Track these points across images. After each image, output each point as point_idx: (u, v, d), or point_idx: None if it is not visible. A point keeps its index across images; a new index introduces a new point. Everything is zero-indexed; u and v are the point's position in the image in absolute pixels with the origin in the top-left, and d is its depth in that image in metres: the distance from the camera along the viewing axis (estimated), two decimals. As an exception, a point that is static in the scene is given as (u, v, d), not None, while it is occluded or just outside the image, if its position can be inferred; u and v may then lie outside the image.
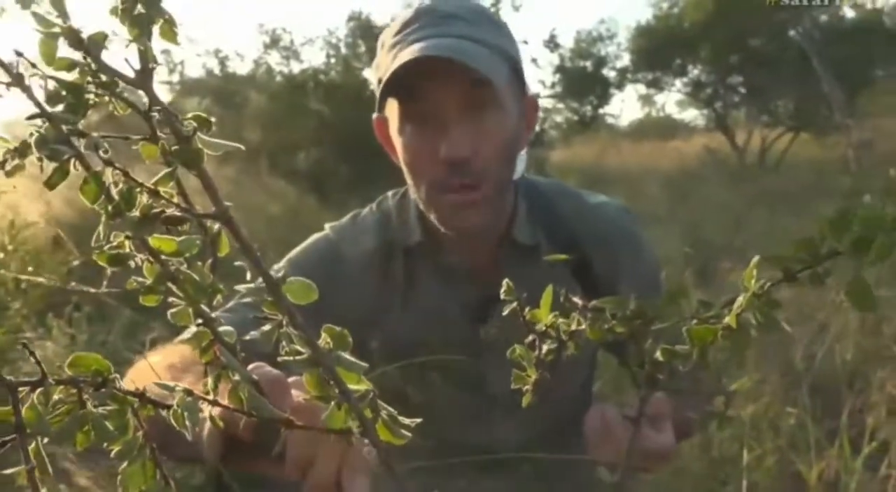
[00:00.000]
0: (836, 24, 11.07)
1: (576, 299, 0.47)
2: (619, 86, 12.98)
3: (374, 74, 0.89)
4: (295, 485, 0.49)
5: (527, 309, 0.44)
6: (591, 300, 0.46)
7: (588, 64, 12.39)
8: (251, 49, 10.89)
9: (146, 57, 0.40)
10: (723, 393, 0.61)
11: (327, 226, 0.96)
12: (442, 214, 0.86)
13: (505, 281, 0.44)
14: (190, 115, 0.39)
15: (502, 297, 0.44)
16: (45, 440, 0.35)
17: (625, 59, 12.53)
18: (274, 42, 10.15)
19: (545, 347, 0.44)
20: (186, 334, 0.90)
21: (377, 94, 0.85)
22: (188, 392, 0.39)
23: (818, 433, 1.23)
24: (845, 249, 0.40)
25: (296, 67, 9.75)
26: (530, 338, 0.44)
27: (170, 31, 0.39)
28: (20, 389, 0.32)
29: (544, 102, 12.22)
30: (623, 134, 16.77)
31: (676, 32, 11.31)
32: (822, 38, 9.87)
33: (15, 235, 2.07)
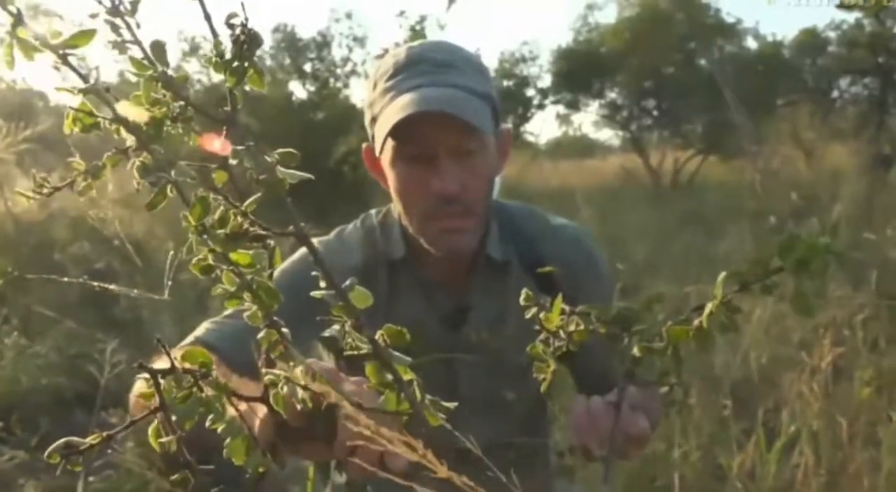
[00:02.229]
0: (741, 54, 11.77)
1: (567, 307, 0.56)
2: (540, 106, 13.33)
3: (367, 111, 0.97)
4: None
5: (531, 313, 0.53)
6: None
7: (511, 84, 12.69)
8: (169, 57, 10.66)
9: (235, 100, 0.48)
10: (679, 385, 0.72)
11: (315, 240, 1.03)
12: (432, 238, 0.95)
13: (524, 291, 0.52)
14: (278, 151, 0.46)
15: (521, 303, 0.53)
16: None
17: (546, 81, 12.90)
18: (193, 50, 9.99)
19: (556, 344, 0.53)
20: (190, 339, 0.96)
21: (371, 131, 0.94)
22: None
23: (737, 430, 1.37)
24: (789, 267, 0.52)
25: (217, 77, 9.61)
26: (544, 336, 0.53)
27: (259, 80, 0.47)
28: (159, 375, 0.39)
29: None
30: (542, 152, 17.18)
31: (595, 57, 11.76)
32: (731, 68, 10.49)
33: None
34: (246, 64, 0.45)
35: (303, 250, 1.02)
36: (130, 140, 0.49)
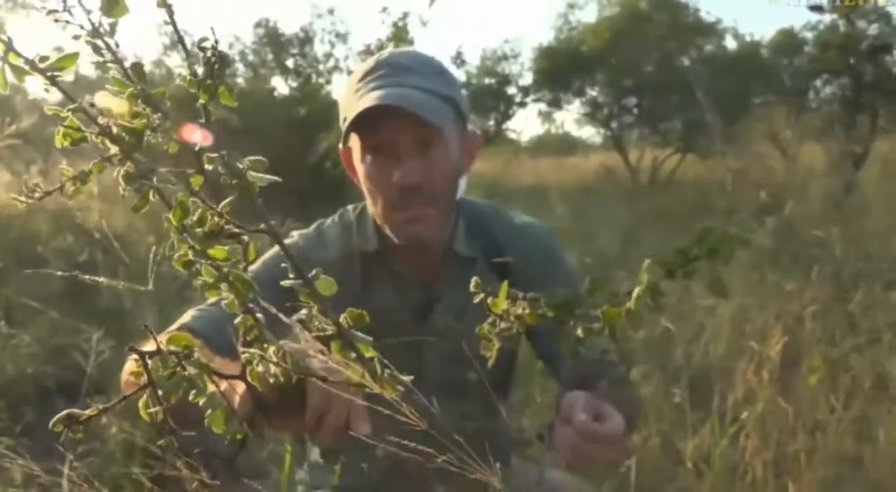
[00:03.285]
0: (720, 54, 11.92)
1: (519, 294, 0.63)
2: (522, 103, 13.42)
3: (341, 113, 1.04)
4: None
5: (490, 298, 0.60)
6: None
7: (493, 81, 12.77)
8: (150, 50, 10.62)
9: (209, 114, 0.54)
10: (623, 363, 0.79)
11: (295, 233, 1.11)
12: (395, 227, 1.02)
13: (474, 279, 0.60)
14: (248, 159, 0.53)
15: (472, 290, 0.60)
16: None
17: (527, 78, 12.98)
18: (174, 44, 9.95)
19: (502, 325, 0.60)
20: (176, 325, 1.02)
21: (343, 130, 1.01)
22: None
23: (694, 417, 1.45)
24: (704, 254, 0.59)
25: (199, 71, 9.55)
26: (491, 319, 0.60)
27: (229, 96, 0.54)
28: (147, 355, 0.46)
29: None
30: (524, 149, 17.28)
31: (576, 55, 11.85)
32: (707, 68, 10.63)
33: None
34: (216, 82, 0.51)
35: (291, 238, 1.10)
36: (115, 150, 0.55)
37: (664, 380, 1.62)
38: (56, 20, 0.50)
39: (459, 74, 12.59)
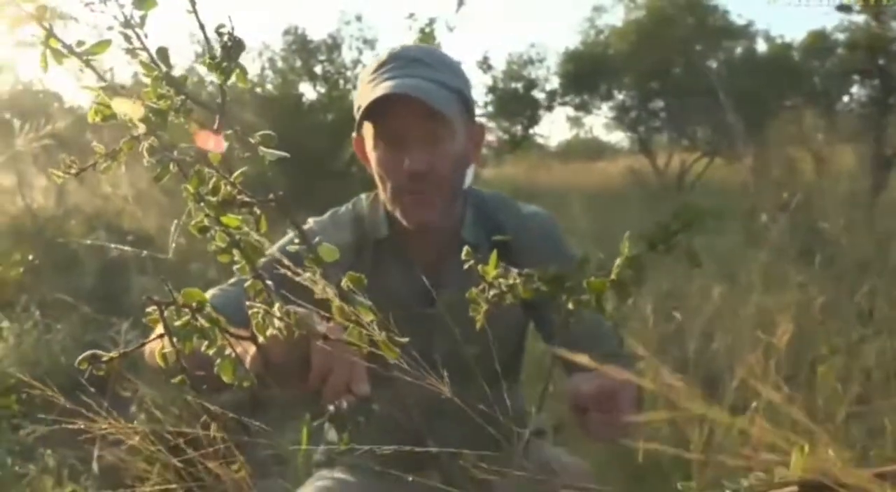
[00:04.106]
0: (749, 57, 11.83)
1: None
2: (549, 108, 13.43)
3: (355, 103, 1.10)
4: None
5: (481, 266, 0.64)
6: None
7: (519, 86, 12.79)
8: (182, 58, 10.80)
9: (224, 94, 0.59)
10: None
11: (311, 220, 1.17)
12: (403, 210, 1.07)
13: (465, 248, 0.64)
14: (258, 133, 0.58)
15: (462, 258, 0.64)
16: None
17: (554, 83, 12.99)
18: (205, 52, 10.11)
19: (492, 292, 0.64)
20: (214, 291, 1.07)
21: (357, 118, 1.06)
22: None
23: (703, 407, 1.46)
24: (680, 228, 0.63)
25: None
26: (482, 286, 0.64)
27: (243, 78, 0.59)
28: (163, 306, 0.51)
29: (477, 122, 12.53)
30: (552, 154, 17.25)
31: (602, 59, 11.84)
32: (733, 70, 10.54)
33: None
34: (232, 64, 0.57)
35: (307, 224, 1.15)
36: (141, 128, 0.60)
37: (676, 370, 1.63)
38: (92, 10, 0.56)
39: (486, 79, 12.64)
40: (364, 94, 1.06)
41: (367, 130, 1.08)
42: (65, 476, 1.70)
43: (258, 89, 9.15)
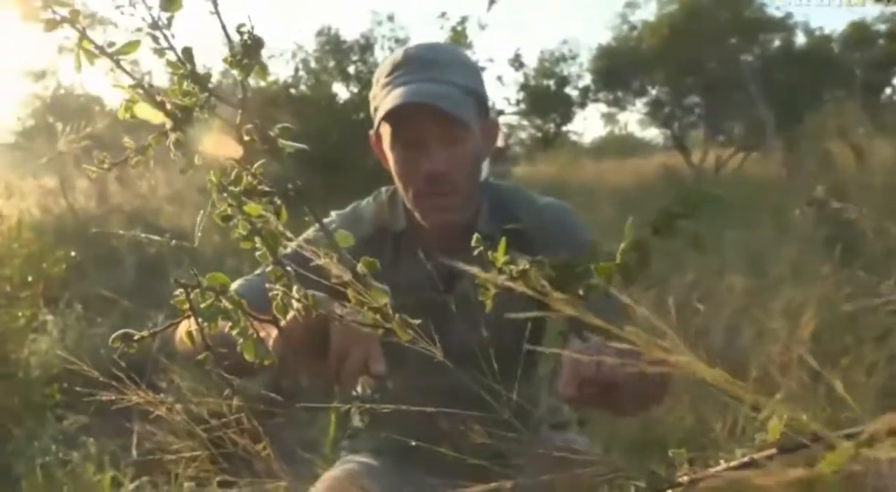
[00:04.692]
0: (787, 49, 11.61)
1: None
2: (581, 105, 13.35)
3: (372, 103, 1.13)
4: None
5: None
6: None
7: (551, 83, 12.75)
8: (218, 61, 10.96)
9: (246, 90, 0.63)
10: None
11: (333, 213, 1.21)
12: (423, 212, 1.12)
13: (475, 235, 0.67)
14: (277, 126, 0.61)
15: (472, 244, 0.67)
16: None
17: (586, 79, 12.91)
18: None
19: (501, 277, 0.66)
20: (241, 281, 1.12)
21: (374, 119, 1.10)
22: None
23: (727, 397, 1.48)
24: (683, 212, 0.65)
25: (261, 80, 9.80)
26: (491, 273, 0.66)
27: (262, 74, 0.62)
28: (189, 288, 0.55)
29: (509, 119, 12.53)
30: (586, 151, 17.14)
31: (635, 54, 11.74)
32: (770, 64, 10.37)
33: (18, 235, 2.25)
34: (252, 61, 0.60)
35: (330, 217, 1.19)
36: (168, 123, 0.64)
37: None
38: (122, 13, 0.59)
39: (518, 77, 12.62)
40: (380, 96, 1.10)
41: (385, 130, 1.12)
42: (106, 463, 1.77)
43: (292, 90, 9.29)
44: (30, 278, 2.06)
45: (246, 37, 0.58)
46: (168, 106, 0.63)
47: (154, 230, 3.39)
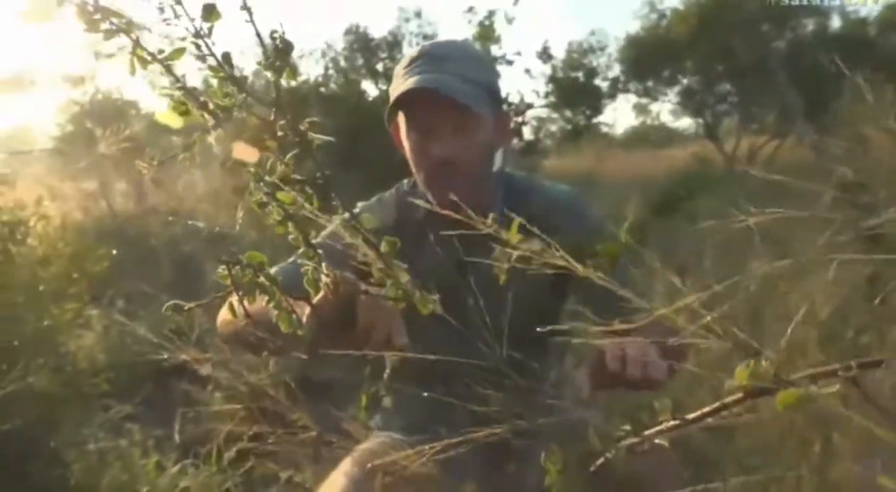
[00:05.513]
0: (821, 33, 11.40)
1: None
2: (611, 96, 13.26)
3: (390, 96, 1.20)
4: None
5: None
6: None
7: (580, 74, 12.68)
8: (249, 61, 11.06)
9: (279, 90, 0.69)
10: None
11: (359, 204, 1.27)
12: (433, 193, 1.19)
13: (491, 215, 0.72)
14: (306, 120, 0.67)
15: (487, 224, 0.72)
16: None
17: (615, 70, 12.82)
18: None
19: (515, 255, 0.71)
20: (276, 269, 1.19)
21: (389, 109, 1.17)
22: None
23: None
24: (685, 195, 0.70)
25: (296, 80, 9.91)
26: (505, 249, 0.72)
27: (292, 75, 0.68)
28: (230, 264, 0.61)
29: (539, 112, 12.50)
30: (617, 143, 17.04)
31: (664, 43, 11.62)
32: (799, 49, 10.20)
33: (63, 235, 2.35)
34: (283, 64, 0.66)
35: (356, 208, 1.26)
36: (210, 121, 0.70)
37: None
38: (167, 24, 0.66)
39: (546, 69, 12.58)
40: (396, 87, 1.17)
41: (401, 119, 1.20)
42: (150, 447, 1.86)
43: (322, 89, 9.41)
44: (74, 276, 2.16)
45: (277, 41, 0.64)
46: (210, 106, 0.70)
47: (190, 229, 3.51)
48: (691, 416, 0.56)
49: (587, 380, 0.94)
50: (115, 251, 2.40)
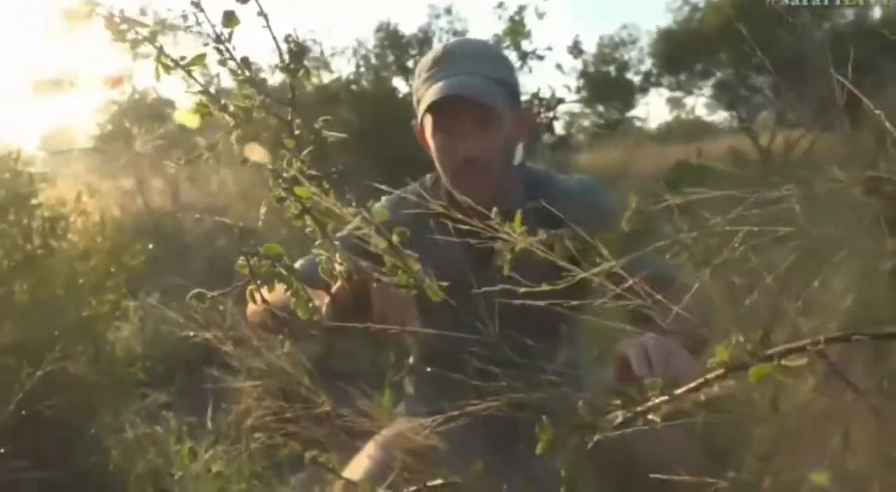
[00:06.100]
0: (860, 24, 11.17)
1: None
2: (643, 90, 13.11)
3: (414, 96, 1.25)
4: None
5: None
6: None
7: (611, 69, 12.58)
8: (271, 59, 11.12)
9: (294, 90, 0.73)
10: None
11: (383, 198, 1.32)
12: (460, 189, 1.21)
13: (494, 209, 0.76)
14: (321, 119, 0.72)
15: (493, 215, 0.76)
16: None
17: (648, 64, 12.68)
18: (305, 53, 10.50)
19: (517, 246, 0.75)
20: (301, 261, 1.25)
21: (417, 111, 1.21)
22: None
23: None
24: (680, 182, 0.73)
25: (326, 77, 10.02)
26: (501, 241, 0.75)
27: (307, 76, 0.72)
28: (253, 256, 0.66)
29: (571, 107, 12.44)
30: (651, 137, 16.83)
31: (697, 36, 11.48)
32: (838, 40, 10.00)
33: (101, 230, 2.44)
34: (297, 66, 0.70)
35: (380, 202, 1.32)
36: (231, 121, 0.75)
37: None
38: (190, 31, 0.71)
39: (577, 64, 12.49)
40: (422, 90, 1.23)
41: (427, 121, 1.26)
42: (184, 434, 1.94)
43: (353, 87, 9.47)
44: (112, 269, 2.24)
45: (292, 45, 0.69)
46: (230, 108, 0.75)
47: (223, 225, 3.60)
48: (678, 391, 0.59)
49: (615, 381, 0.98)
50: (150, 246, 2.48)
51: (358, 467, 1.23)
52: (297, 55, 0.69)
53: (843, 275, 1.69)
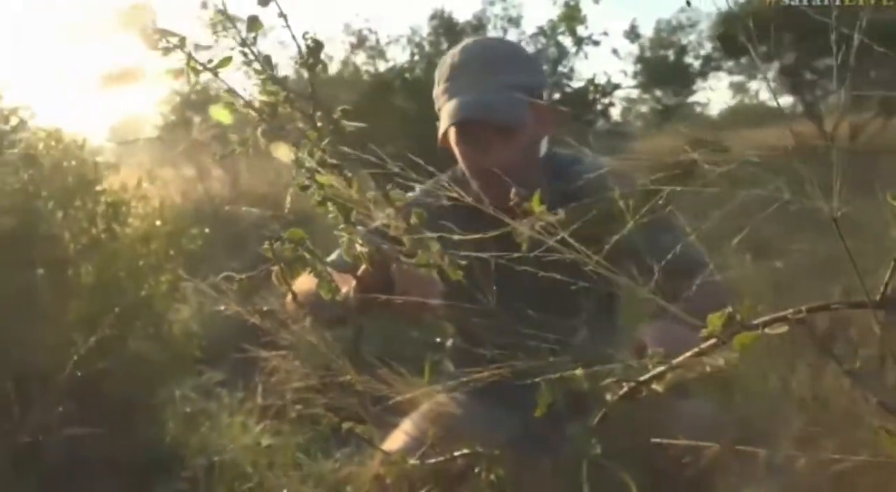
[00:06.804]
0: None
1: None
2: (703, 74, 12.81)
3: (435, 103, 1.33)
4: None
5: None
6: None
7: (669, 53, 12.33)
8: (339, 50, 11.30)
9: (315, 84, 0.79)
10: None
11: (417, 187, 1.38)
12: (490, 196, 1.27)
13: (512, 190, 0.80)
14: (339, 108, 0.77)
15: (511, 197, 0.80)
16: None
17: (707, 48, 12.37)
18: (360, 43, 10.63)
19: (538, 225, 0.79)
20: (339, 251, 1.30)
21: (439, 124, 1.30)
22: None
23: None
24: (692, 162, 0.76)
25: (381, 66, 10.10)
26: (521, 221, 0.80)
27: (324, 69, 0.78)
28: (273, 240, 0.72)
29: (627, 93, 12.25)
30: (711, 123, 16.42)
31: (759, 19, 11.12)
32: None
33: (161, 215, 2.57)
34: (314, 61, 0.76)
35: (415, 192, 1.37)
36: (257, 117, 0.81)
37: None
38: (218, 37, 0.77)
39: (633, 49, 12.29)
40: (442, 101, 1.29)
41: (451, 131, 1.32)
42: (236, 409, 2.05)
43: (406, 75, 9.53)
44: (171, 252, 2.36)
45: (309, 42, 0.75)
46: (256, 104, 0.81)
47: (277, 213, 3.74)
48: (676, 361, 0.63)
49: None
50: (207, 231, 2.60)
51: (395, 441, 1.29)
52: (314, 51, 0.75)
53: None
